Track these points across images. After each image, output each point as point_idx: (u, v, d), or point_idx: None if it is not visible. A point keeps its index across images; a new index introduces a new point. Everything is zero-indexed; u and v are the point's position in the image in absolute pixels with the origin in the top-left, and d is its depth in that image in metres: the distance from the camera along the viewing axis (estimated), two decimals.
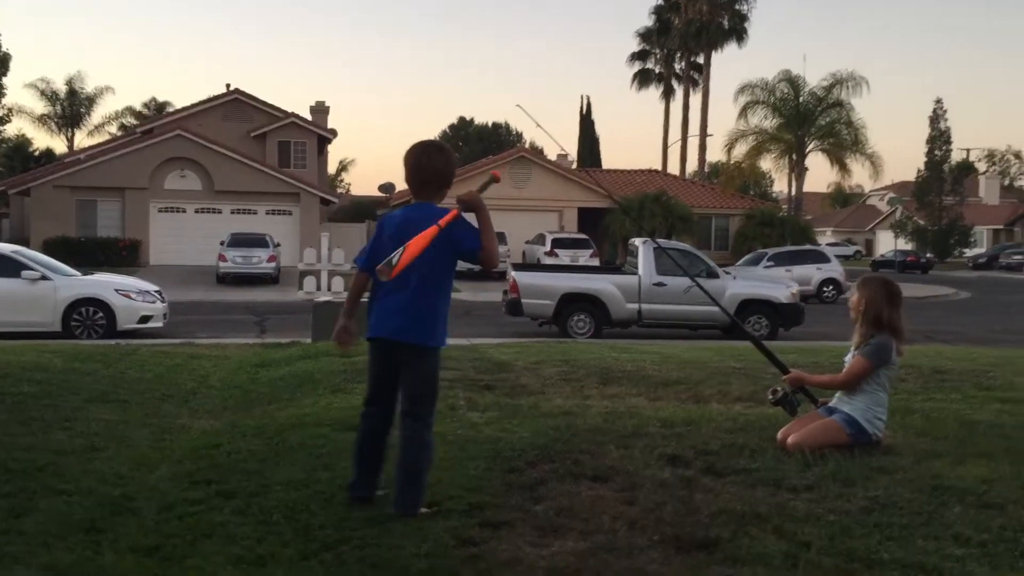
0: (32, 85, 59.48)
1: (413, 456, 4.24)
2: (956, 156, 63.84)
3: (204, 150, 37.19)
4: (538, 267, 23.45)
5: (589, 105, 61.88)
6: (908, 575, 3.48)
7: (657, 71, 61.06)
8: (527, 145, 63.81)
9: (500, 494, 4.59)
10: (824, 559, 3.66)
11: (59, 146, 59.90)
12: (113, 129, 61.31)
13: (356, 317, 4.45)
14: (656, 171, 51.25)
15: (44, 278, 15.46)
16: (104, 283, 16.25)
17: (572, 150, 57.82)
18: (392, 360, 4.30)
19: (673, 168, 56.84)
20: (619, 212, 38.79)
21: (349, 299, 4.50)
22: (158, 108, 67.96)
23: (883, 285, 5.57)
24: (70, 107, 59.77)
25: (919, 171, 58.91)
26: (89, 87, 60.15)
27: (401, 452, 4.26)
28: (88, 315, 15.41)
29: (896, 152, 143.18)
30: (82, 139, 60.42)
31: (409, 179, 4.34)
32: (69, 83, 59.37)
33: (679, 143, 56.89)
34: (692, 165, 56.16)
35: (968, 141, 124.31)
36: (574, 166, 46.52)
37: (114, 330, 15.26)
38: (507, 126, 79.29)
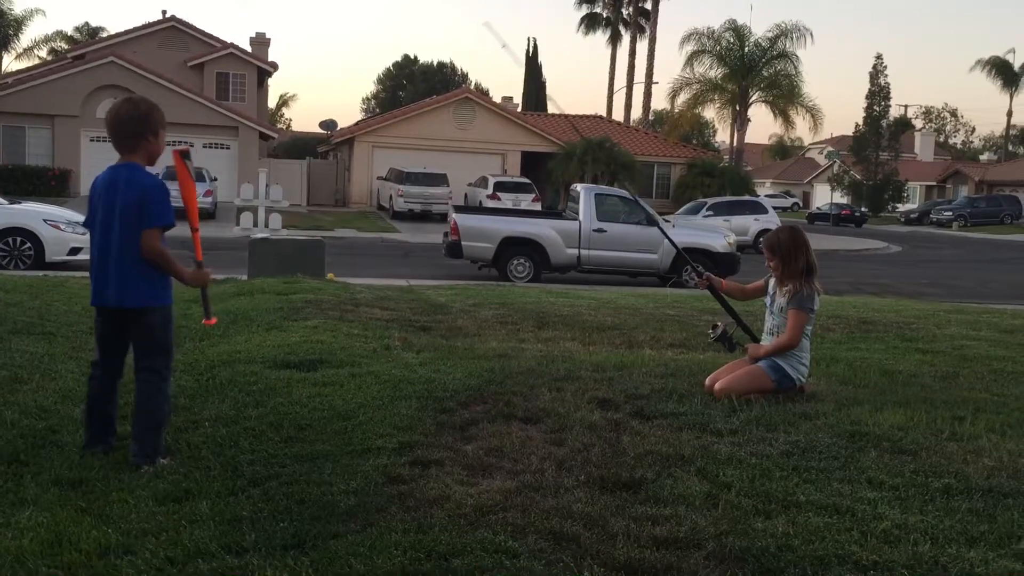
0: None
1: (152, 407, 4.18)
2: (894, 112, 64.87)
3: (139, 78, 36.00)
4: (479, 210, 23.37)
5: (536, 48, 61.41)
6: (822, 516, 3.60)
7: (604, 15, 60.63)
8: (472, 86, 63.12)
9: (431, 433, 4.63)
10: (743, 500, 3.77)
11: None
12: (43, 54, 59.09)
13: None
14: (601, 117, 51.13)
15: None
16: (33, 213, 15.75)
17: (518, 92, 57.44)
18: (117, 324, 4.24)
19: (618, 115, 56.80)
20: (562, 157, 38.71)
21: None
22: (91, 33, 65.44)
23: (788, 237, 5.66)
24: None
25: (857, 126, 59.70)
26: (17, 8, 57.87)
27: (138, 405, 4.20)
28: (15, 245, 14.96)
29: (836, 107, 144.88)
30: (10, 63, 58.16)
31: (111, 132, 4.25)
32: None
33: (624, 90, 56.81)
34: (637, 112, 56.24)
35: (906, 97, 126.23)
36: (519, 109, 46.23)
37: (42, 261, 14.84)
38: (452, 66, 78.28)
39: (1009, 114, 72.96)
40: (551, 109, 51.76)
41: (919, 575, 3.12)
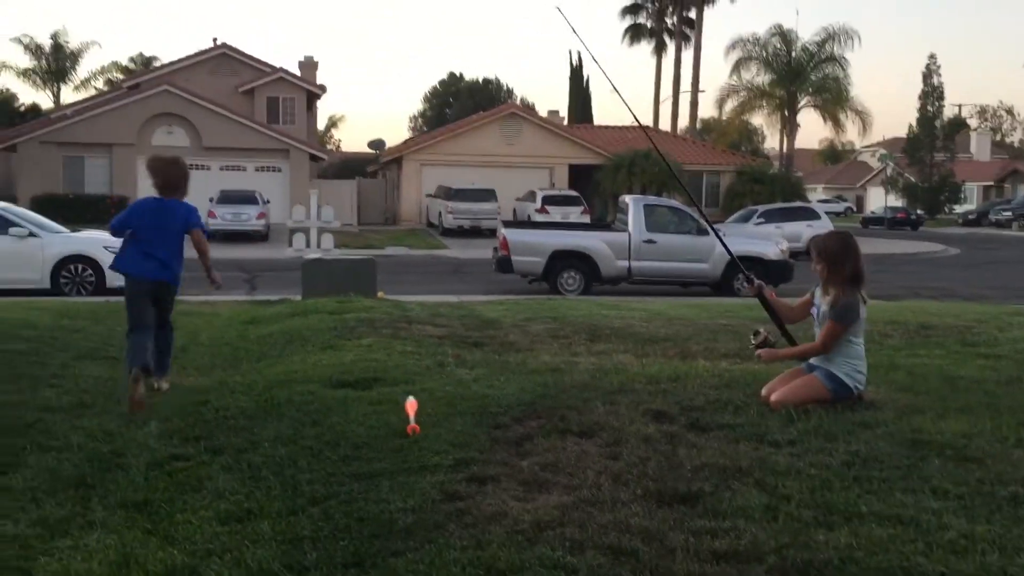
0: (16, 40, 58.54)
1: (169, 344, 6.70)
2: (948, 112, 63.56)
3: (192, 105, 36.80)
4: (528, 224, 23.42)
5: (580, 60, 61.26)
6: (885, 527, 3.54)
7: (649, 26, 60.42)
8: (518, 101, 63.37)
9: (486, 449, 4.64)
10: (804, 512, 3.72)
11: (45, 101, 58.99)
12: (100, 84, 60.54)
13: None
14: (647, 127, 50.98)
15: (32, 235, 15.37)
16: (93, 240, 16.13)
17: (564, 105, 57.40)
18: (152, 294, 6.39)
19: (665, 125, 56.53)
20: (610, 168, 38.60)
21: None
22: (145, 63, 67.03)
23: (837, 242, 5.61)
24: (55, 61, 58.87)
25: (910, 127, 58.67)
26: (74, 42, 59.33)
27: (165, 343, 6.60)
28: (77, 272, 15.35)
29: (884, 108, 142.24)
30: (68, 94, 59.68)
31: (162, 182, 6.51)
32: (54, 37, 58.48)
33: (671, 99, 56.50)
34: (684, 122, 55.83)
35: (960, 97, 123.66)
36: (565, 122, 46.24)
37: (103, 287, 15.18)
38: (497, 82, 78.68)
39: None
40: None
41: None
